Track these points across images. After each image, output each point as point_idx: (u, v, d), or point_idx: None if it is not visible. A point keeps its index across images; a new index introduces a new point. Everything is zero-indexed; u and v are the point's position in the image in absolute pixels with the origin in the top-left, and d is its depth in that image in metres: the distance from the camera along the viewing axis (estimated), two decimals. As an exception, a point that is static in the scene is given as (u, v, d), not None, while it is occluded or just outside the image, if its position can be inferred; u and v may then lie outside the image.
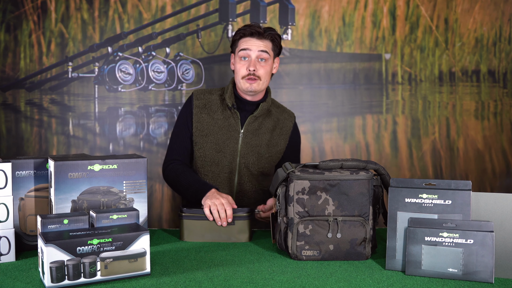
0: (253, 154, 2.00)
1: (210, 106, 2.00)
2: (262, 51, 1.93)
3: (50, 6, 2.67)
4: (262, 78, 1.94)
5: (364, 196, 1.48)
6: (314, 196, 1.48)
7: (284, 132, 2.06)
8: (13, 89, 2.69)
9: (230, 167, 1.98)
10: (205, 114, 1.99)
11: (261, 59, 1.94)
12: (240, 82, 1.95)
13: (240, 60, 1.94)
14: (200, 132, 1.98)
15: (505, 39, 2.81)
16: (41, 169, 1.58)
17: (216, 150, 1.98)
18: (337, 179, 1.47)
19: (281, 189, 1.53)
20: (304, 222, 1.48)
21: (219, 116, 1.99)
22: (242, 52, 1.93)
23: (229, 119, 1.99)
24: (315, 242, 1.47)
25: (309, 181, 1.48)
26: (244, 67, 1.93)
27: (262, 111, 1.99)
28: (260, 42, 1.93)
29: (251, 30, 1.92)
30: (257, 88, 1.94)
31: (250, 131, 1.99)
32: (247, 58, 1.93)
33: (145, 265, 1.34)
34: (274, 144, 2.04)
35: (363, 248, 1.49)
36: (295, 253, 1.49)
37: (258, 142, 2.00)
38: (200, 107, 2.00)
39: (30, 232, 1.57)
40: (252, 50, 1.92)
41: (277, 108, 2.09)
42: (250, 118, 1.99)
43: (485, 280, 1.31)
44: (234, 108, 1.97)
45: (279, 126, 2.06)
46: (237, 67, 1.95)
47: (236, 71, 1.96)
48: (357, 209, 1.48)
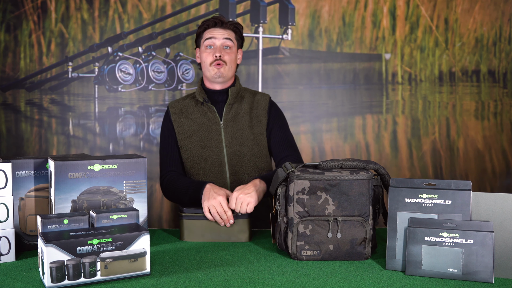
0: (237, 140, 2.01)
1: (186, 109, 2.05)
2: (226, 39, 2.00)
3: (50, 6, 2.67)
4: (228, 64, 2.00)
5: (364, 196, 1.48)
6: (314, 196, 1.48)
7: (261, 109, 2.07)
8: (13, 89, 2.69)
9: (218, 159, 2.00)
10: (183, 118, 2.04)
11: (225, 47, 2.00)
12: (208, 70, 2.00)
13: (205, 49, 2.01)
14: (183, 135, 2.02)
15: (505, 39, 2.81)
16: (41, 169, 1.58)
17: (201, 147, 2.00)
18: (337, 179, 1.47)
19: (281, 189, 1.53)
20: (304, 222, 1.48)
21: (196, 115, 2.03)
22: (208, 41, 2.00)
23: (207, 114, 2.02)
24: (315, 242, 1.47)
25: (309, 181, 1.48)
26: (210, 54, 1.99)
27: (233, 95, 2.03)
28: (223, 31, 2.01)
29: (214, 20, 2.01)
30: (224, 72, 2.00)
31: (229, 119, 2.02)
32: (213, 46, 2.00)
33: (145, 265, 1.34)
34: (255, 124, 2.05)
35: (363, 248, 1.49)
36: (295, 253, 1.49)
37: (240, 127, 2.03)
38: (177, 114, 2.05)
39: (30, 232, 1.57)
40: (217, 38, 1.99)
41: (249, 93, 2.12)
42: (226, 107, 2.02)
43: (485, 280, 1.31)
44: (206, 102, 2.02)
45: (255, 106, 2.08)
46: (203, 56, 2.01)
47: (203, 60, 2.02)
48: (357, 209, 1.48)
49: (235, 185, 2.01)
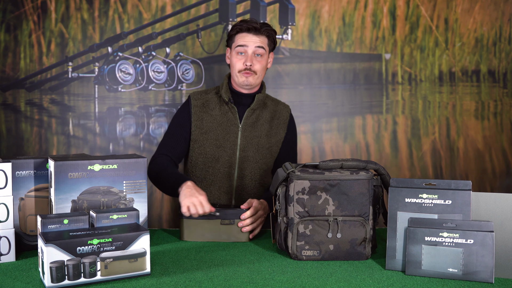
0: (252, 146, 2.01)
1: (208, 104, 2.03)
2: (259, 47, 1.97)
3: (50, 6, 2.67)
4: (258, 73, 1.98)
5: (364, 196, 1.48)
6: (314, 196, 1.48)
7: (282, 122, 2.09)
8: (13, 89, 2.69)
9: (229, 161, 2.00)
10: (204, 112, 2.02)
11: (257, 55, 1.97)
12: (236, 76, 1.98)
13: (236, 55, 1.98)
14: (200, 130, 2.00)
15: (505, 39, 2.81)
16: (41, 169, 1.58)
17: (216, 146, 1.99)
18: (337, 179, 1.47)
19: (281, 189, 1.53)
20: (304, 222, 1.48)
21: (217, 112, 2.01)
22: (239, 48, 1.97)
23: (227, 114, 2.01)
24: (315, 242, 1.47)
25: (309, 181, 1.48)
26: (241, 61, 1.97)
27: (258, 102, 2.02)
28: (256, 37, 1.97)
29: (248, 25, 1.96)
30: (252, 81, 1.98)
31: (248, 124, 2.02)
32: (244, 53, 1.97)
33: (145, 265, 1.34)
34: (274, 134, 2.06)
35: (363, 248, 1.49)
36: (295, 253, 1.49)
37: (258, 134, 2.03)
38: (199, 107, 2.02)
39: (30, 232, 1.57)
40: (249, 46, 1.96)
41: (272, 101, 2.12)
42: (248, 112, 2.01)
43: (485, 280, 1.31)
44: (231, 103, 2.00)
45: (277, 116, 2.09)
46: (234, 61, 1.99)
47: (233, 65, 1.99)
48: (357, 209, 1.48)
49: (240, 189, 2.01)
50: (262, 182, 2.04)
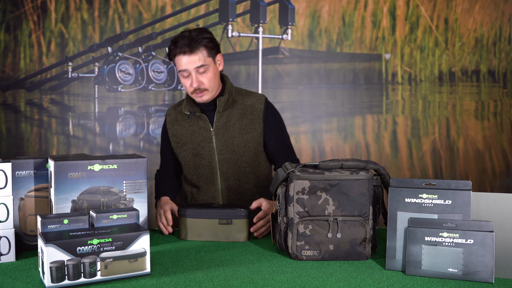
0: (228, 147, 2.00)
1: (181, 117, 2.05)
2: (198, 67, 1.89)
3: (50, 6, 2.67)
4: (209, 87, 1.93)
5: (364, 196, 1.48)
6: (314, 196, 1.48)
7: (256, 116, 2.02)
8: (13, 89, 2.69)
9: (210, 166, 2.01)
10: (177, 126, 2.05)
11: (201, 72, 1.91)
12: (191, 96, 1.97)
13: (183, 78, 1.94)
14: (177, 143, 2.04)
15: (505, 39, 2.81)
16: (41, 169, 1.58)
17: (194, 155, 2.02)
18: (337, 179, 1.47)
19: (281, 189, 1.53)
20: (304, 222, 1.48)
21: (190, 123, 2.03)
22: (182, 72, 1.92)
23: (198, 122, 2.02)
24: (315, 242, 1.47)
25: (309, 181, 1.48)
26: (188, 83, 1.92)
27: (222, 104, 1.98)
28: (193, 57, 1.88)
29: (179, 49, 1.88)
30: (207, 97, 1.95)
31: (219, 127, 2.00)
32: (188, 75, 1.92)
33: (145, 265, 1.34)
34: (248, 131, 2.01)
35: (363, 248, 1.49)
36: (295, 253, 1.49)
37: (231, 134, 2.00)
38: (172, 122, 2.06)
39: (30, 232, 1.57)
40: (189, 68, 1.89)
41: (242, 96, 2.06)
42: (216, 115, 1.99)
43: (485, 280, 1.31)
44: (193, 114, 2.00)
45: (249, 112, 2.02)
46: (183, 83, 1.96)
47: (183, 85, 1.97)
48: (357, 209, 1.48)
49: (227, 192, 2.01)
50: (248, 180, 2.03)
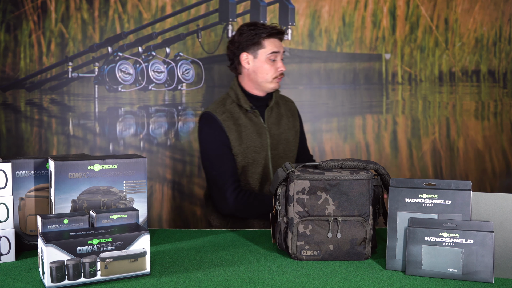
0: (281, 143, 2.09)
1: (232, 115, 2.04)
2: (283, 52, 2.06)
3: (50, 6, 2.67)
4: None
5: (364, 196, 1.48)
6: (314, 196, 1.48)
7: (294, 115, 2.20)
8: (13, 89, 2.69)
9: (264, 162, 2.05)
10: (233, 124, 2.02)
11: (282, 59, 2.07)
12: (268, 82, 2.03)
13: (269, 62, 2.01)
14: (238, 142, 2.01)
15: (505, 39, 2.81)
16: (41, 169, 1.58)
17: (254, 151, 2.03)
18: (337, 179, 1.47)
19: (281, 189, 1.53)
20: (304, 222, 1.48)
21: (244, 120, 2.04)
22: (273, 55, 2.01)
23: (252, 119, 2.06)
24: (315, 242, 1.47)
25: (309, 181, 1.48)
26: (273, 68, 2.02)
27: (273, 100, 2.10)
28: (280, 42, 2.05)
29: (276, 30, 2.01)
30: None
31: (272, 122, 2.08)
32: (275, 59, 2.02)
33: (145, 265, 1.34)
34: (292, 126, 2.16)
35: (363, 248, 1.49)
36: (295, 253, 1.49)
37: (282, 129, 2.10)
38: (228, 121, 2.01)
39: (30, 232, 1.57)
40: (279, 52, 2.03)
41: (279, 97, 2.19)
42: (267, 112, 2.08)
43: (485, 280, 1.31)
44: (253, 109, 2.05)
45: (289, 109, 2.19)
46: (266, 68, 2.01)
47: (264, 71, 2.02)
48: (357, 209, 1.48)
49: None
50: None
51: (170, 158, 2.74)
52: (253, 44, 2.01)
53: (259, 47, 2.01)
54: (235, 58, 2.07)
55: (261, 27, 2.01)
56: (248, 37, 2.02)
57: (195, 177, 2.74)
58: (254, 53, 2.02)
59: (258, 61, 2.02)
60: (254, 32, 2.00)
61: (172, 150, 2.74)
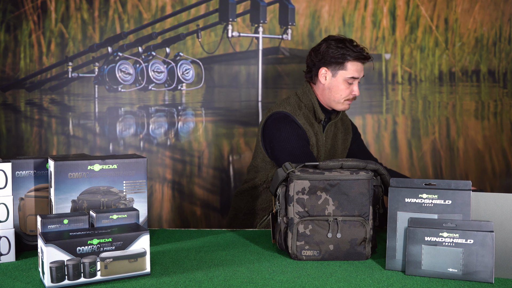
0: (331, 156, 2.14)
1: (308, 120, 2.06)
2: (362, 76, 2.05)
3: (50, 6, 2.67)
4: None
5: (364, 196, 1.48)
6: (314, 196, 1.48)
7: (348, 129, 2.23)
8: (13, 89, 2.69)
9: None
10: (309, 126, 2.05)
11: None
12: (338, 102, 2.03)
13: (344, 83, 2.00)
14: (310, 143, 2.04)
15: (505, 39, 2.81)
16: (41, 169, 1.58)
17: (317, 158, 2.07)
18: (337, 179, 1.48)
19: (281, 189, 1.53)
20: (304, 222, 1.48)
21: (315, 127, 2.07)
22: (352, 79, 1.99)
23: (319, 128, 2.09)
24: (315, 242, 1.47)
25: (309, 181, 1.48)
26: (348, 90, 2.01)
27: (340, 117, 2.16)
28: (362, 66, 2.03)
29: (362, 55, 1.98)
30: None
31: (328, 136, 2.13)
32: (352, 83, 2.01)
33: (145, 265, 1.34)
34: (343, 141, 2.19)
35: (363, 248, 1.49)
36: (295, 253, 1.49)
37: (335, 144, 2.15)
38: (305, 124, 2.03)
39: (30, 232, 1.57)
40: (359, 77, 2.02)
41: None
42: (329, 126, 2.12)
43: (485, 280, 1.31)
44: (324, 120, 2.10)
45: (344, 123, 2.22)
46: (341, 89, 2.01)
47: (338, 91, 2.01)
48: (357, 209, 1.48)
49: None
50: None
51: (170, 158, 2.74)
52: (337, 63, 1.99)
53: (341, 67, 1.99)
54: (313, 68, 2.04)
55: (349, 47, 1.96)
56: (334, 55, 1.98)
57: (195, 177, 2.74)
58: (334, 71, 2.00)
59: (335, 80, 2.01)
60: (341, 51, 1.97)
61: (172, 150, 2.74)
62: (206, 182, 2.72)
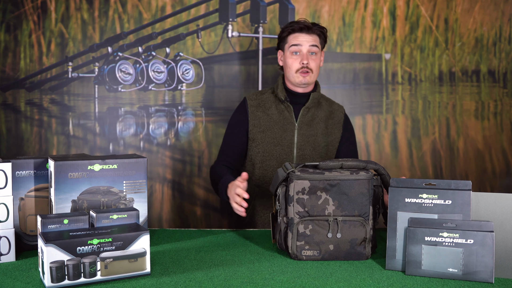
0: (309, 144, 2.05)
1: (264, 104, 2.06)
2: (312, 46, 2.00)
3: (50, 6, 2.67)
4: (314, 71, 2.01)
5: (364, 196, 1.48)
6: (314, 196, 1.48)
7: (337, 122, 2.12)
8: (13, 89, 2.69)
9: (287, 159, 2.03)
10: (260, 112, 2.05)
11: (311, 53, 2.00)
12: (293, 76, 2.01)
13: (291, 55, 2.00)
14: (257, 129, 2.04)
15: (505, 39, 2.81)
16: (41, 169, 1.58)
17: (274, 144, 2.03)
18: (337, 179, 1.48)
19: (281, 189, 1.53)
20: (304, 222, 1.48)
21: (274, 111, 2.05)
22: (294, 47, 1.99)
23: (283, 113, 2.04)
24: (315, 242, 1.47)
25: (309, 181, 1.48)
26: (297, 61, 1.99)
27: (313, 101, 2.05)
28: (309, 36, 2.00)
29: (300, 25, 1.99)
30: (309, 80, 2.01)
31: (304, 122, 2.05)
32: (299, 52, 1.99)
33: (145, 265, 1.34)
34: (329, 133, 2.09)
35: (363, 248, 1.49)
36: (295, 253, 1.49)
37: (314, 132, 2.06)
38: (255, 106, 2.06)
39: (30, 232, 1.57)
40: (303, 45, 1.99)
41: (326, 100, 2.15)
42: (303, 110, 2.04)
43: (485, 280, 1.31)
44: (287, 101, 2.03)
45: (331, 116, 2.11)
46: (289, 62, 2.01)
47: (288, 65, 2.01)
48: (357, 209, 1.48)
49: None
50: None
51: (170, 158, 2.74)
52: (282, 41, 2.05)
53: (285, 43, 2.03)
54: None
55: (291, 23, 2.03)
56: (280, 35, 2.05)
57: (195, 177, 2.74)
58: (284, 50, 2.05)
59: (286, 57, 2.03)
60: (283, 30, 2.03)
61: (172, 150, 2.74)
62: (206, 182, 2.72)
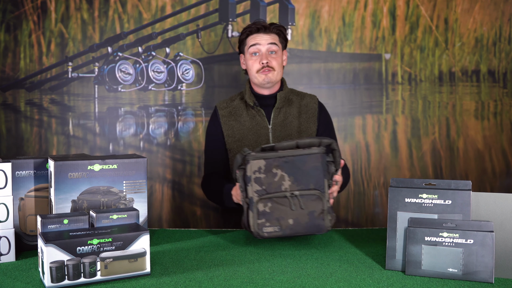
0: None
1: (235, 111, 2.05)
2: (271, 44, 1.98)
3: (50, 6, 2.67)
4: (276, 69, 1.99)
5: (317, 169, 1.51)
6: (270, 173, 1.50)
7: (311, 116, 2.07)
8: (13, 89, 2.69)
9: None
10: (233, 120, 2.03)
11: (271, 52, 1.99)
12: (255, 77, 1.99)
13: (251, 57, 1.99)
14: (232, 138, 2.02)
15: (505, 39, 2.81)
16: (41, 169, 1.58)
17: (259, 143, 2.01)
18: (290, 155, 1.50)
19: (240, 172, 1.55)
20: (263, 200, 1.49)
21: (245, 118, 2.03)
22: (252, 48, 1.98)
23: (255, 118, 2.03)
24: (275, 218, 1.49)
25: (265, 159, 1.51)
26: (257, 62, 1.98)
27: (282, 100, 2.03)
28: (267, 36, 1.98)
29: (257, 26, 1.98)
30: (272, 78, 1.98)
31: (277, 124, 2.03)
32: (258, 53, 1.98)
33: (145, 265, 1.34)
34: (304, 130, 2.06)
35: (322, 220, 1.51)
36: (256, 231, 1.50)
37: (288, 132, 2.03)
38: (226, 116, 2.04)
39: (30, 232, 1.57)
40: (262, 45, 1.97)
41: (297, 95, 2.11)
42: (274, 112, 2.02)
43: (485, 280, 1.31)
44: (256, 106, 2.02)
45: (304, 111, 2.07)
46: (250, 64, 2.00)
47: (249, 67, 2.00)
48: (312, 183, 1.51)
49: None
50: None
51: (170, 158, 2.74)
52: (241, 44, 2.04)
53: (244, 45, 2.02)
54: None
55: (247, 26, 2.02)
56: (239, 39, 2.05)
57: (195, 177, 2.74)
58: (244, 54, 2.04)
59: (246, 60, 2.02)
60: (241, 32, 2.03)
61: (172, 150, 2.74)
62: (206, 182, 2.72)
